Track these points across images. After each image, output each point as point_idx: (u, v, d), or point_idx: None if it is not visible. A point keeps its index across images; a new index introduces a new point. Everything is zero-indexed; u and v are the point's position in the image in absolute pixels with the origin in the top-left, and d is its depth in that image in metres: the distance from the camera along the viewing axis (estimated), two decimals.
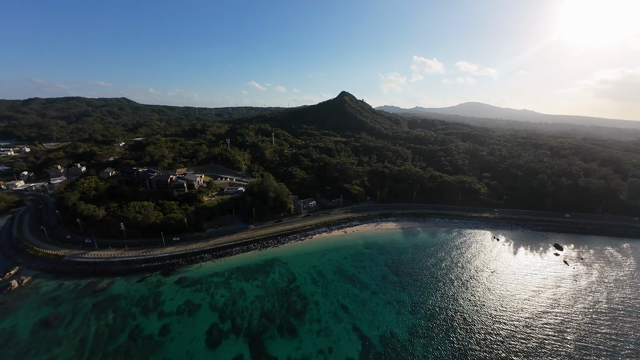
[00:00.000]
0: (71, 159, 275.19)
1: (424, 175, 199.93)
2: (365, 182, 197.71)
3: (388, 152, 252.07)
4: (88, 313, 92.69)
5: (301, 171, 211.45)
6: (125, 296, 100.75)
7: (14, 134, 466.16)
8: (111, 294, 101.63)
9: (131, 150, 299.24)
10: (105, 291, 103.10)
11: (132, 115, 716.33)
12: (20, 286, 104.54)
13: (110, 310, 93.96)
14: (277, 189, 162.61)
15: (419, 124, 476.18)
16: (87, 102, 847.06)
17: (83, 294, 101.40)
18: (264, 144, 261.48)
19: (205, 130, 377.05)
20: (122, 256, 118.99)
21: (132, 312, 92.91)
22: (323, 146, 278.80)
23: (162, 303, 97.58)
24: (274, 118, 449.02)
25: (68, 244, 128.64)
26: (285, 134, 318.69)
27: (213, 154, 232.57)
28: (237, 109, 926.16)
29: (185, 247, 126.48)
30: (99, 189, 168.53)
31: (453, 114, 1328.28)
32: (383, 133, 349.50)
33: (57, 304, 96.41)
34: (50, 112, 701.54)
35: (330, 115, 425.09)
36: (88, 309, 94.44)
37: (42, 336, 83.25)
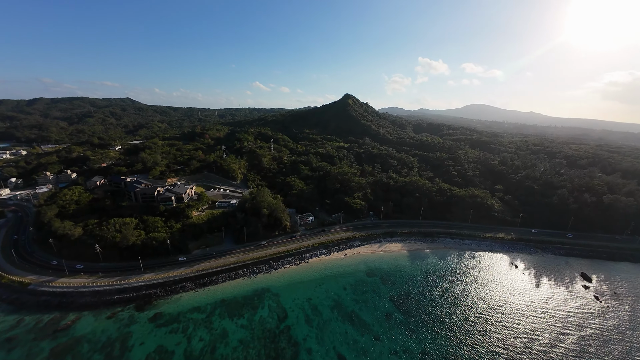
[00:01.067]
0: (64, 164, 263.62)
1: (432, 188, 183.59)
2: (368, 195, 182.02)
3: (393, 161, 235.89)
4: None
5: (300, 182, 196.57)
6: (89, 338, 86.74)
7: (14, 135, 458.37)
8: (74, 335, 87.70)
9: (126, 155, 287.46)
10: (68, 331, 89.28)
11: (134, 116, 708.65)
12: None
13: (69, 358, 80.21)
14: (272, 205, 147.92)
15: (424, 128, 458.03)
16: (91, 103, 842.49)
17: (42, 335, 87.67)
18: (262, 150, 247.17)
19: (204, 133, 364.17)
20: (94, 285, 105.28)
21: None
22: (324, 153, 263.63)
23: (130, 349, 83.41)
24: (275, 121, 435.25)
25: (37, 268, 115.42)
26: (285, 139, 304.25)
27: (208, 161, 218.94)
28: (240, 110, 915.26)
29: (165, 274, 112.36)
30: (80, 203, 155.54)
31: (458, 116, 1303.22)
32: (387, 138, 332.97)
33: (10, 349, 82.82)
34: (53, 113, 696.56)
35: (333, 119, 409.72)
36: (44, 356, 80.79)
37: None
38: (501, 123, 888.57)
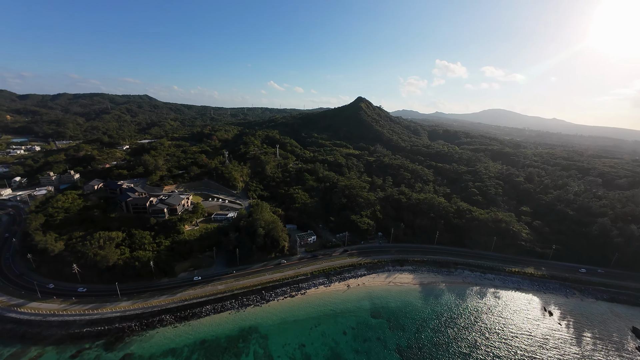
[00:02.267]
0: (70, 163, 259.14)
1: (449, 208, 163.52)
2: (377, 213, 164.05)
3: (406, 173, 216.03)
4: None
5: (304, 194, 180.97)
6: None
7: (33, 130, 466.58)
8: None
9: (132, 155, 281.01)
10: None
11: (149, 113, 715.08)
12: None
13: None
14: (269, 223, 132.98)
15: (440, 135, 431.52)
16: (110, 99, 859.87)
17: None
18: (267, 157, 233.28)
19: (212, 135, 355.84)
20: (63, 314, 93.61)
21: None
22: (333, 160, 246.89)
23: None
24: (285, 123, 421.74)
25: (11, 287, 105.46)
26: (293, 144, 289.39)
27: (209, 167, 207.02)
28: (252, 109, 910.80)
29: (143, 303, 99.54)
30: (70, 211, 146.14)
31: (476, 121, 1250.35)
32: (401, 146, 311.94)
33: None
34: (74, 108, 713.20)
35: (344, 123, 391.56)
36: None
37: None
38: (521, 130, 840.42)
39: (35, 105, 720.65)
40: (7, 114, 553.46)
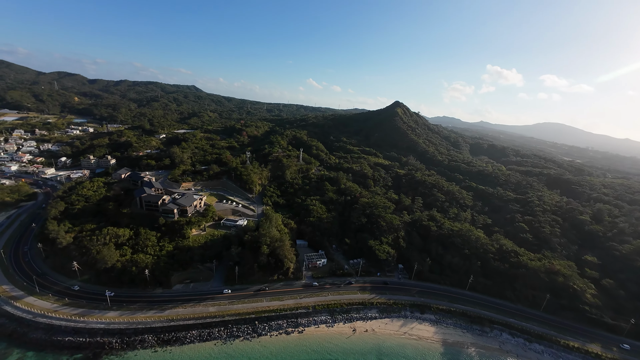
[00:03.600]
0: (111, 147, 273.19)
1: (489, 247, 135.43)
2: (400, 240, 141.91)
3: (439, 194, 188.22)
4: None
5: (321, 206, 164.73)
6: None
7: (93, 112, 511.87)
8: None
9: (165, 145, 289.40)
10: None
11: (193, 103, 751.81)
12: None
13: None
14: (276, 240, 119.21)
15: (484, 149, 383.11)
16: (162, 87, 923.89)
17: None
18: (289, 160, 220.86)
19: (242, 130, 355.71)
20: (51, 316, 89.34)
21: None
22: (358, 170, 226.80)
23: None
24: (315, 124, 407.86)
25: (18, 277, 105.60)
26: (319, 148, 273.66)
27: (229, 166, 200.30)
28: (288, 106, 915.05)
29: (130, 317, 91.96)
30: (90, 200, 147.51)
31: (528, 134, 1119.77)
32: (437, 159, 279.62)
33: None
34: (130, 94, 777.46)
35: (377, 128, 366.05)
36: None
37: None
38: (583, 150, 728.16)
39: (100, 89, 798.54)
40: (75, 96, 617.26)
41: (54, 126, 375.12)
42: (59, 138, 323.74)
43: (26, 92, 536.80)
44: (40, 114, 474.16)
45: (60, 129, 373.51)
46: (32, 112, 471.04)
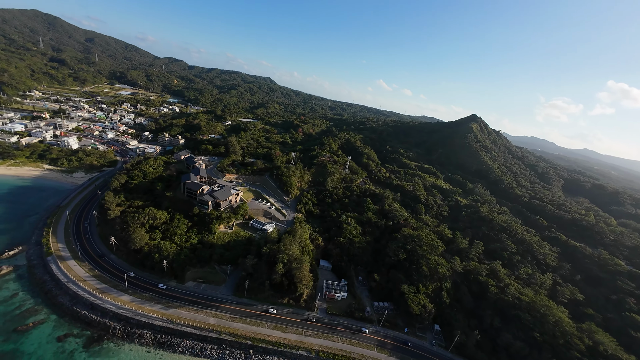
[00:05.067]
0: (185, 128, 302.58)
1: (576, 341, 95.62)
2: (443, 293, 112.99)
3: (509, 243, 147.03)
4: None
5: (356, 226, 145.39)
6: (26, 355, 73.88)
7: (184, 94, 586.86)
8: (19, 347, 76.68)
9: (228, 132, 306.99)
10: (20, 337, 79.38)
11: (264, 94, 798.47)
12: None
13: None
14: (294, 260, 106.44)
15: (587, 190, 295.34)
16: (242, 77, 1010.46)
17: (4, 327, 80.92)
18: (334, 166, 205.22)
19: (299, 126, 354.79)
20: (80, 285, 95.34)
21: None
22: (410, 190, 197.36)
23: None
24: (373, 129, 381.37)
25: (70, 239, 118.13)
26: (371, 157, 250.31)
27: (274, 164, 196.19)
28: (352, 105, 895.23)
29: (138, 306, 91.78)
30: (147, 177, 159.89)
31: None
32: (514, 193, 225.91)
33: None
34: (216, 81, 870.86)
35: (443, 143, 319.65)
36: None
37: None
38: None
39: (194, 74, 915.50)
40: (175, 79, 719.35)
41: (152, 103, 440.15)
42: (151, 114, 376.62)
43: (142, 72, 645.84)
44: (147, 91, 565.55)
45: (155, 106, 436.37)
46: (142, 90, 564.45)
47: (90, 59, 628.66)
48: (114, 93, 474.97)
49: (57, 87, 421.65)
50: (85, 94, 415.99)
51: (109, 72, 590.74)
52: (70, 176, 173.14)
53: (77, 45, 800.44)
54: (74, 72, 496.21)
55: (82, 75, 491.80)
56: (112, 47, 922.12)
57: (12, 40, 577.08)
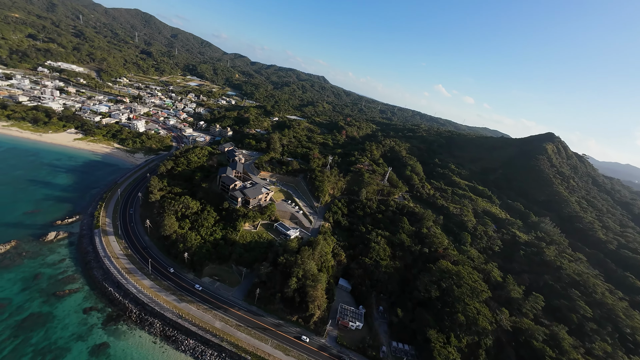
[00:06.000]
0: (235, 120, 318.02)
1: None
2: (481, 352, 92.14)
3: (580, 303, 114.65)
4: (18, 325, 77.84)
5: (385, 247, 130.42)
6: (54, 324, 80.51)
7: (242, 87, 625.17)
8: (53, 311, 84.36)
9: (274, 128, 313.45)
10: (57, 301, 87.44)
11: (315, 92, 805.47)
12: (48, 241, 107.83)
13: (34, 331, 75.94)
14: (310, 277, 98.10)
15: None
16: (297, 75, 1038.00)
17: (47, 290, 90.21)
18: (372, 176, 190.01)
19: (343, 128, 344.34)
20: (112, 262, 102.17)
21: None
22: (456, 213, 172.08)
23: None
24: (423, 138, 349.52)
25: (116, 215, 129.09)
26: (415, 170, 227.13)
27: (310, 166, 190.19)
28: (403, 110, 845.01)
29: (155, 294, 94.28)
30: (190, 165, 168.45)
31: None
32: (594, 237, 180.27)
33: (24, 288, 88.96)
34: (272, 77, 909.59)
35: (505, 163, 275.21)
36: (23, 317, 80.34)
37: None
38: None
39: (255, 70, 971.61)
40: (237, 73, 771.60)
41: (213, 95, 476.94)
42: (210, 105, 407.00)
43: (210, 66, 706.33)
44: (211, 83, 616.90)
45: (215, 97, 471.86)
46: (207, 82, 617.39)
47: (171, 53, 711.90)
48: (184, 83, 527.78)
49: (141, 75, 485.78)
50: (161, 83, 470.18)
51: (184, 65, 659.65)
52: (132, 156, 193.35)
53: (163, 40, 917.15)
54: (156, 63, 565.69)
55: (162, 67, 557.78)
56: (190, 42, 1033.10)
57: (116, 34, 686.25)
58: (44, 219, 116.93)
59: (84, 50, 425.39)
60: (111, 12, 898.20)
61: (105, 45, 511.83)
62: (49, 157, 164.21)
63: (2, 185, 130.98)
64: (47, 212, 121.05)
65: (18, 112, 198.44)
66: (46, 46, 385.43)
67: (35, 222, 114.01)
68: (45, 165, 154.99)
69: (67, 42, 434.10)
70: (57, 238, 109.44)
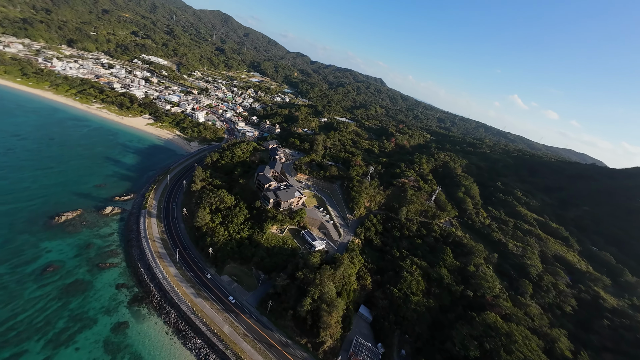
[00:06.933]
0: (285, 118, 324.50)
1: None
2: None
3: None
4: (64, 288, 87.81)
5: (419, 281, 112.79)
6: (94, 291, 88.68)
7: (298, 86, 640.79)
8: (93, 281, 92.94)
9: (321, 129, 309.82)
10: (98, 272, 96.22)
11: (370, 95, 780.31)
12: (105, 214, 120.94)
13: (74, 297, 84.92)
14: (326, 301, 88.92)
15: None
16: (354, 76, 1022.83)
17: (93, 260, 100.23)
18: (417, 194, 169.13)
19: (392, 136, 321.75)
20: (149, 245, 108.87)
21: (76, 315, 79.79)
22: (516, 253, 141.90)
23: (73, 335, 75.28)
24: (485, 156, 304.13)
25: (162, 199, 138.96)
26: (471, 192, 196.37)
27: (348, 174, 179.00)
28: (465, 120, 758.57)
29: (177, 284, 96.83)
30: (234, 159, 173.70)
31: None
32: None
33: (77, 255, 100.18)
34: (329, 77, 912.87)
35: (593, 198, 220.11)
36: (70, 282, 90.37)
37: (27, 279, 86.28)
38: None
39: (313, 69, 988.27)
40: (295, 71, 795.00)
41: (270, 91, 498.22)
42: (266, 101, 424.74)
43: (272, 64, 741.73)
44: (271, 80, 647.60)
45: (272, 94, 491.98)
46: (267, 79, 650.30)
47: (241, 50, 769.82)
48: (247, 79, 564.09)
49: (212, 70, 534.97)
50: (227, 78, 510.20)
51: (250, 62, 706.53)
52: (188, 144, 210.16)
53: (236, 38, 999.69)
54: (226, 59, 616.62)
55: (231, 62, 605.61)
56: (259, 41, 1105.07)
57: (199, 33, 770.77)
58: (107, 194, 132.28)
59: (170, 46, 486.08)
60: (198, 13, 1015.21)
61: (188, 42, 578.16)
62: (123, 138, 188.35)
63: (85, 159, 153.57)
64: (110, 188, 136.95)
65: (110, 96, 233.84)
66: (143, 42, 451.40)
67: (99, 195, 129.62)
68: (119, 145, 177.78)
69: (159, 38, 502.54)
70: (112, 213, 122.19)
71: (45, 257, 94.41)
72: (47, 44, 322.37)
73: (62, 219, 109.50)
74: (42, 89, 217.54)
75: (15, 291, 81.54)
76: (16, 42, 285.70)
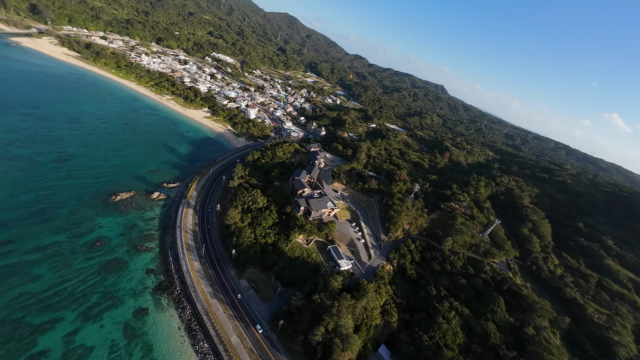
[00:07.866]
0: (332, 121, 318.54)
1: None
2: None
3: None
4: (104, 264, 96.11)
5: (456, 332, 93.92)
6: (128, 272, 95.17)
7: (352, 88, 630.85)
8: (129, 262, 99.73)
9: (368, 135, 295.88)
10: (134, 254, 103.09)
11: (427, 102, 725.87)
12: (152, 199, 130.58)
13: (111, 275, 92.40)
14: (341, 335, 78.71)
15: None
16: (412, 81, 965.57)
17: (134, 241, 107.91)
18: (467, 223, 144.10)
19: (447, 150, 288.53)
20: (179, 235, 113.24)
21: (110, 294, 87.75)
22: (598, 322, 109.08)
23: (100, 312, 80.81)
24: (564, 186, 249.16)
25: (202, 192, 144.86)
26: (540, 230, 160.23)
27: (390, 190, 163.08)
28: (541, 139, 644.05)
29: (197, 279, 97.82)
30: (274, 159, 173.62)
31: None
32: None
33: (122, 234, 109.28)
34: (385, 81, 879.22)
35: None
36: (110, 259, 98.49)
37: (79, 249, 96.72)
38: None
39: (369, 72, 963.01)
40: (351, 73, 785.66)
41: (322, 92, 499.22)
42: (316, 102, 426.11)
43: (329, 65, 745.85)
44: (326, 81, 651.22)
45: (324, 95, 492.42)
46: (322, 80, 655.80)
47: (301, 51, 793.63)
48: (302, 79, 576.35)
49: (271, 69, 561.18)
50: (284, 77, 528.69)
51: (308, 63, 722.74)
52: (236, 139, 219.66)
53: (299, 39, 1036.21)
54: (286, 59, 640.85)
55: (290, 62, 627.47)
56: (320, 43, 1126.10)
57: (265, 33, 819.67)
58: (158, 179, 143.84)
59: (238, 45, 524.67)
60: (268, 15, 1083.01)
61: (254, 42, 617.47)
62: (182, 128, 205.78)
63: (148, 144, 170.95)
64: (162, 174, 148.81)
65: (179, 89, 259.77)
66: (215, 41, 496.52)
67: (152, 180, 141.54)
68: (177, 135, 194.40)
69: (230, 38, 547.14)
70: (158, 198, 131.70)
71: (97, 232, 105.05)
72: (140, 41, 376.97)
73: (118, 198, 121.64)
74: (129, 79, 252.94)
75: (68, 260, 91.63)
76: (118, 39, 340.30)
